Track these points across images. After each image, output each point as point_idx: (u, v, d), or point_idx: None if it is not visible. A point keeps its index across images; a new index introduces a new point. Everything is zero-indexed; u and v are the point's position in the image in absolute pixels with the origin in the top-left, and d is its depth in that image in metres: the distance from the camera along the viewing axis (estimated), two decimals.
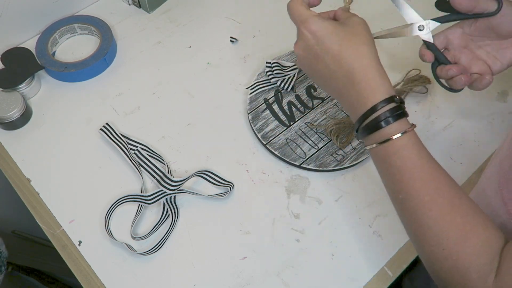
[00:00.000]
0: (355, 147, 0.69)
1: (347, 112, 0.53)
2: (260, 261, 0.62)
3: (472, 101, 0.76)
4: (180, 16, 0.86)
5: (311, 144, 0.69)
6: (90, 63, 0.76)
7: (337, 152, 0.68)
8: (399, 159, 0.46)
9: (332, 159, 0.68)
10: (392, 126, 0.47)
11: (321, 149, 0.69)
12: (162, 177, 0.65)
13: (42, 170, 0.69)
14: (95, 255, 0.62)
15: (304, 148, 0.69)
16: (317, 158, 0.68)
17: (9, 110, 0.70)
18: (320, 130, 0.70)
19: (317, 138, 0.70)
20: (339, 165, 0.67)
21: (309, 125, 0.70)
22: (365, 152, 0.69)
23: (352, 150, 0.69)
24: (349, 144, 0.68)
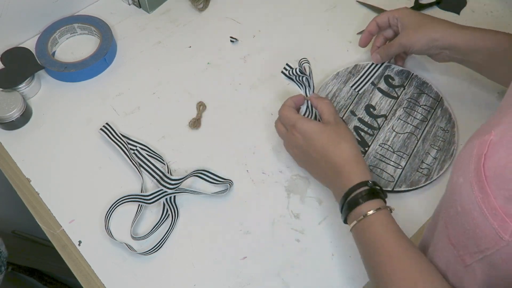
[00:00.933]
0: (435, 156, 0.68)
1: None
2: (260, 261, 0.62)
3: (472, 101, 0.76)
4: (180, 16, 0.86)
5: (393, 165, 0.68)
6: (90, 63, 0.76)
7: (421, 166, 0.67)
8: (368, 233, 0.54)
9: (420, 174, 0.66)
10: (365, 204, 0.55)
11: (405, 167, 0.67)
12: (162, 176, 0.65)
13: (42, 170, 0.69)
14: (95, 255, 0.62)
15: (389, 171, 0.67)
16: (405, 177, 0.66)
17: (9, 110, 0.70)
18: (397, 148, 0.69)
19: (397, 158, 0.68)
20: (428, 179, 0.66)
21: (384, 146, 0.69)
22: (446, 160, 0.68)
23: (433, 160, 0.68)
24: None
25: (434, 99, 0.74)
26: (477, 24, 0.70)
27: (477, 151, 0.40)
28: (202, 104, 0.75)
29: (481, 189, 0.38)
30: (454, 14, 0.87)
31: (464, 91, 0.77)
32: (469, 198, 0.39)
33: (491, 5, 0.88)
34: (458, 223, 0.42)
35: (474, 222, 0.39)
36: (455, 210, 0.42)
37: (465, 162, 0.41)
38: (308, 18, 0.86)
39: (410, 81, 0.76)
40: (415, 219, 0.65)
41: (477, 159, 0.39)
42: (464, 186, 0.40)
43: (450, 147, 0.69)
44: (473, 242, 0.40)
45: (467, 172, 0.40)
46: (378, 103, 0.74)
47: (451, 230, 0.44)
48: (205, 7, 0.87)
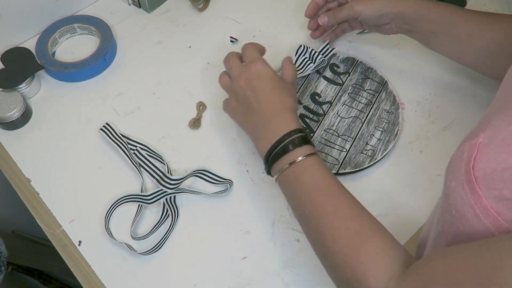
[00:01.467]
0: (379, 138, 0.70)
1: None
2: (260, 261, 0.62)
3: (472, 101, 0.76)
4: (180, 16, 0.86)
5: (338, 149, 0.69)
6: (90, 63, 0.76)
7: (366, 148, 0.69)
8: (305, 176, 0.54)
9: (364, 156, 0.68)
10: (299, 150, 0.55)
11: (350, 149, 0.69)
12: (162, 176, 0.65)
13: (42, 170, 0.69)
14: (95, 255, 0.62)
15: (334, 154, 0.68)
16: (350, 160, 0.68)
17: (9, 110, 0.70)
18: (342, 132, 0.70)
19: (342, 141, 0.70)
20: (372, 160, 0.68)
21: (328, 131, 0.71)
22: (390, 140, 0.70)
23: (378, 141, 0.69)
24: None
25: (379, 83, 0.76)
26: None
27: (467, 154, 0.40)
28: (202, 104, 0.75)
29: (472, 191, 0.39)
30: None
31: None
32: (462, 200, 0.40)
33: (491, 5, 0.88)
34: (453, 227, 0.42)
35: (468, 224, 0.40)
36: (449, 214, 0.43)
37: (456, 166, 0.42)
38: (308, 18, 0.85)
39: (355, 67, 0.78)
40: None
41: (467, 161, 0.40)
42: (456, 189, 0.41)
43: (395, 128, 0.71)
44: None
45: (459, 175, 0.41)
46: (323, 91, 0.75)
47: (447, 235, 0.44)
48: (205, 7, 0.87)
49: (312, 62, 0.75)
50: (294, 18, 0.86)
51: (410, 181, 0.68)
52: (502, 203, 0.37)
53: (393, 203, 0.66)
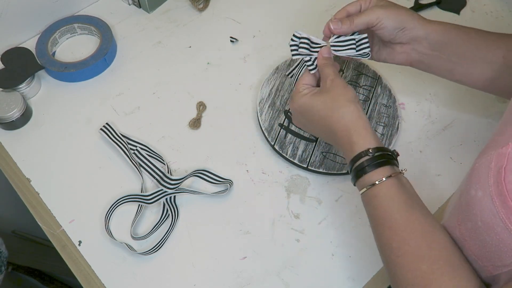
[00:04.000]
0: (382, 132, 0.70)
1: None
2: (260, 261, 0.62)
3: (472, 101, 0.76)
4: (180, 16, 0.86)
5: None
6: (90, 63, 0.76)
7: None
8: (372, 207, 0.51)
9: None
10: (371, 173, 0.51)
11: None
12: (162, 176, 0.65)
13: (42, 170, 0.69)
14: (95, 255, 0.62)
15: (342, 154, 0.68)
16: None
17: (9, 110, 0.70)
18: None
19: None
20: None
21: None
22: (393, 134, 0.70)
23: (381, 136, 0.70)
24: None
25: (373, 78, 0.76)
26: (477, 24, 0.70)
27: (495, 164, 0.39)
28: (202, 104, 0.75)
29: (503, 204, 0.37)
30: (454, 14, 0.87)
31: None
32: (491, 212, 0.38)
33: (491, 5, 0.88)
34: (478, 237, 0.41)
35: (497, 237, 0.39)
36: (474, 224, 0.41)
37: (483, 175, 0.40)
38: (308, 18, 0.86)
39: (347, 64, 0.78)
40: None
41: (496, 172, 0.38)
42: (484, 200, 0.39)
43: (395, 121, 0.72)
44: (497, 256, 0.40)
45: (486, 186, 0.39)
46: None
47: (471, 243, 0.43)
48: (205, 7, 0.87)
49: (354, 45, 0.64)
50: (294, 18, 0.86)
51: (410, 181, 0.68)
52: None
53: None
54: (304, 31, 0.65)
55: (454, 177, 0.68)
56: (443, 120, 0.74)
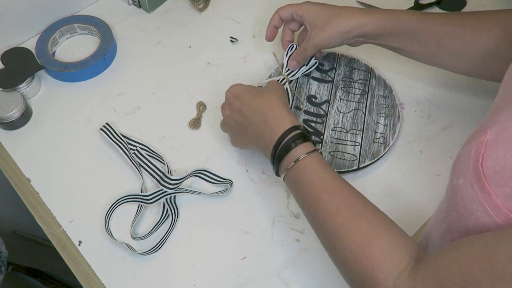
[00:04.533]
0: (384, 123, 0.71)
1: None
2: (260, 261, 0.62)
3: (472, 101, 0.76)
4: (180, 16, 0.86)
5: (351, 144, 0.69)
6: (90, 63, 0.76)
7: (376, 136, 0.69)
8: (306, 175, 0.54)
9: (377, 144, 0.69)
10: (298, 148, 0.55)
11: (362, 142, 0.69)
12: (162, 176, 0.65)
13: (42, 170, 0.69)
14: (95, 255, 0.62)
15: (349, 151, 0.68)
16: (366, 152, 0.68)
17: (9, 110, 0.70)
18: (348, 127, 0.71)
19: (352, 136, 0.70)
20: (386, 146, 0.68)
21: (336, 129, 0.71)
22: (395, 122, 0.71)
23: (384, 127, 0.70)
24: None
25: (365, 71, 0.77)
26: None
27: (475, 152, 0.40)
28: (202, 104, 0.75)
29: (482, 189, 0.38)
30: None
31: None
32: (471, 198, 0.40)
33: (491, 5, 0.88)
34: (462, 226, 0.42)
35: (478, 222, 0.39)
36: (457, 212, 0.42)
37: (464, 164, 0.41)
38: None
39: (338, 61, 0.78)
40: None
41: (475, 159, 0.40)
42: (464, 187, 0.40)
43: (395, 110, 0.72)
44: None
45: (467, 173, 0.40)
46: (317, 91, 0.75)
47: (455, 234, 0.44)
48: (205, 7, 0.87)
49: (305, 64, 0.75)
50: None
51: (410, 181, 0.68)
52: None
53: (393, 203, 0.66)
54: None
55: None
56: (443, 120, 0.74)
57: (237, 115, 0.62)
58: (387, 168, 0.69)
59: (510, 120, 0.40)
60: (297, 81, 0.76)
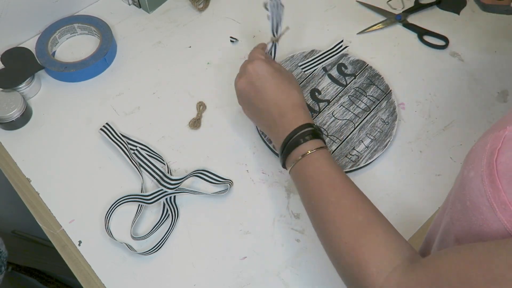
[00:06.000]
0: (368, 145, 0.69)
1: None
2: (260, 261, 0.62)
3: (472, 101, 0.76)
4: (180, 16, 0.86)
5: None
6: (90, 63, 0.76)
7: (351, 152, 0.68)
8: (312, 168, 0.55)
9: (347, 160, 0.68)
10: (308, 144, 0.56)
11: (335, 151, 0.68)
12: (162, 176, 0.65)
13: (42, 170, 0.69)
14: (95, 255, 0.62)
15: None
16: None
17: (9, 110, 0.70)
18: (331, 132, 0.70)
19: (329, 141, 0.69)
20: (355, 165, 0.67)
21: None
22: (378, 150, 0.69)
23: (365, 148, 0.69)
24: None
25: (383, 91, 0.75)
26: (477, 25, 0.70)
27: (491, 146, 0.39)
28: (202, 104, 0.75)
29: (491, 183, 0.38)
30: (454, 14, 0.87)
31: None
32: (479, 192, 0.39)
33: None
34: (465, 218, 0.42)
35: (482, 217, 0.39)
36: (463, 204, 0.42)
37: (477, 156, 0.40)
38: (307, 18, 0.86)
39: (362, 71, 0.77)
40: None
41: (490, 153, 0.39)
42: (474, 180, 0.40)
43: (386, 139, 0.70)
44: (479, 238, 0.40)
45: (479, 166, 0.39)
46: (324, 88, 0.75)
47: (457, 226, 0.43)
48: (205, 7, 0.87)
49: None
50: (294, 18, 0.86)
51: (410, 181, 0.68)
52: None
53: (393, 203, 0.66)
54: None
55: (454, 177, 0.68)
56: (443, 120, 0.74)
57: (253, 94, 0.63)
58: (387, 168, 0.69)
59: None
60: (313, 71, 0.76)
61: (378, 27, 0.84)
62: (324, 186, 0.53)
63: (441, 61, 0.80)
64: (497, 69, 0.79)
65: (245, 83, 0.63)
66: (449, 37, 0.82)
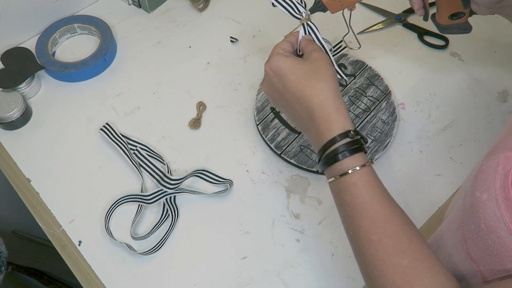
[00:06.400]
0: (368, 146, 0.69)
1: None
2: (260, 261, 0.62)
3: (472, 101, 0.76)
4: (180, 16, 0.86)
5: None
6: (90, 63, 0.76)
7: None
8: (350, 195, 0.47)
9: None
10: (346, 161, 0.48)
11: None
12: (162, 176, 0.65)
13: (42, 170, 0.69)
14: (95, 255, 0.62)
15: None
16: None
17: (9, 110, 0.70)
18: None
19: None
20: None
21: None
22: (378, 150, 0.69)
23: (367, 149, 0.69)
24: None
25: (382, 91, 0.75)
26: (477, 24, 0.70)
27: (503, 167, 0.38)
28: (202, 104, 0.75)
29: (508, 208, 0.37)
30: None
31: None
32: (495, 216, 0.38)
33: None
34: (480, 240, 0.40)
35: (500, 241, 0.38)
36: (477, 226, 0.40)
37: (489, 178, 0.39)
38: None
39: (362, 71, 0.77)
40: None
41: (504, 175, 0.38)
42: (488, 203, 0.39)
43: (386, 139, 0.70)
44: (497, 260, 0.39)
45: (492, 189, 0.38)
46: None
47: (471, 245, 0.42)
48: (205, 7, 0.87)
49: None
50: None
51: (410, 181, 0.68)
52: None
53: None
54: None
55: (454, 177, 0.69)
56: (443, 120, 0.74)
57: (278, 97, 0.54)
58: (387, 168, 0.69)
59: None
60: None
61: (378, 27, 0.84)
62: (364, 220, 0.46)
63: (441, 61, 0.80)
64: (497, 69, 0.79)
65: (267, 86, 0.55)
66: (449, 37, 0.82)
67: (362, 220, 0.46)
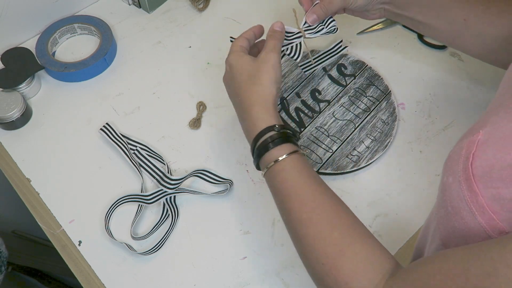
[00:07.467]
0: (368, 146, 0.69)
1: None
2: (260, 261, 0.62)
3: (472, 101, 0.76)
4: (180, 16, 0.86)
5: (325, 148, 0.69)
6: (90, 63, 0.76)
7: (352, 153, 0.68)
8: (279, 181, 0.52)
9: (348, 160, 0.68)
10: (274, 150, 0.53)
11: (336, 152, 0.68)
12: (162, 176, 0.65)
13: (42, 170, 0.69)
14: (95, 255, 0.62)
15: (319, 153, 0.68)
16: (333, 161, 0.67)
17: (9, 110, 0.70)
18: (332, 132, 0.70)
19: (330, 142, 0.69)
20: (355, 165, 0.67)
21: (320, 129, 0.71)
22: (378, 150, 0.69)
23: (366, 149, 0.69)
24: None
25: (382, 91, 0.75)
26: None
27: (466, 151, 0.40)
28: (202, 104, 0.75)
29: (469, 188, 0.38)
30: None
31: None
32: (458, 197, 0.39)
33: None
34: (449, 223, 0.42)
35: (463, 221, 0.39)
36: (445, 210, 0.42)
37: (454, 162, 0.41)
38: None
39: (362, 72, 0.77)
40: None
41: (465, 158, 0.39)
42: (453, 185, 0.40)
43: (386, 139, 0.70)
44: (463, 241, 0.40)
45: (456, 172, 0.40)
46: (325, 89, 0.75)
47: (442, 231, 0.44)
48: (205, 7, 0.87)
49: (323, 26, 0.68)
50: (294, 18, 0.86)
51: (410, 181, 0.68)
52: (498, 202, 0.36)
53: (393, 203, 0.66)
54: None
55: None
56: (443, 120, 0.74)
57: (229, 89, 0.61)
58: (387, 168, 0.69)
59: (502, 121, 0.39)
60: (312, 72, 0.76)
61: (378, 27, 0.84)
62: (293, 202, 0.50)
63: (441, 61, 0.80)
64: (497, 69, 0.79)
65: (224, 78, 0.62)
66: None
67: (292, 202, 0.50)
